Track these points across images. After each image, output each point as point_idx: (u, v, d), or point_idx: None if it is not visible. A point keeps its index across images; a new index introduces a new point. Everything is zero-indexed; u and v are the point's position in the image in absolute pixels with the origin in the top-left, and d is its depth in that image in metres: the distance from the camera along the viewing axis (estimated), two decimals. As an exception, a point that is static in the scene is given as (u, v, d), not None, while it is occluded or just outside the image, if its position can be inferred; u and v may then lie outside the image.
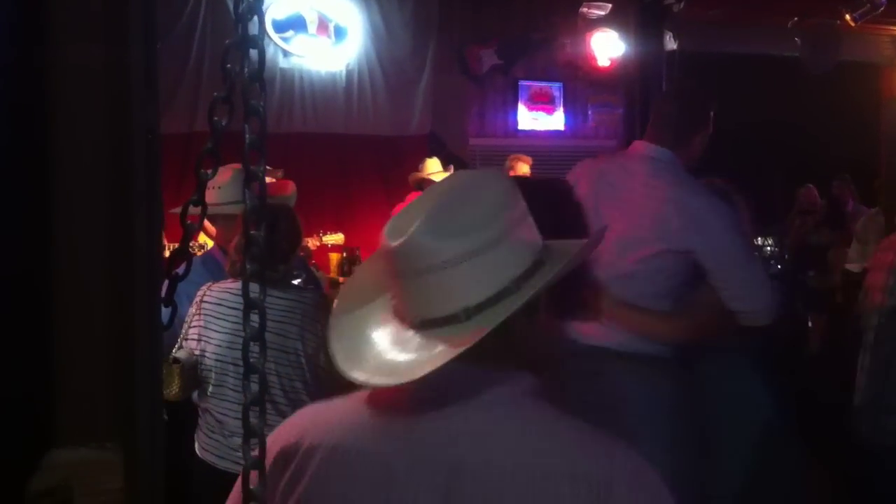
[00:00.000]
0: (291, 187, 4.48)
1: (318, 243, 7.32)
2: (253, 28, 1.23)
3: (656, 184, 3.26)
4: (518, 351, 1.40)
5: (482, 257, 1.30)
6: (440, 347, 1.30)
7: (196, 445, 3.44)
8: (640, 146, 3.46)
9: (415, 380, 1.28)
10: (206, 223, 6.54)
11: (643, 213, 3.23)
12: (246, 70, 1.17)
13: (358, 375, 1.38)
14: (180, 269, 1.37)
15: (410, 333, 1.37)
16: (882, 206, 8.75)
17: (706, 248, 3.13)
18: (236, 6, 1.24)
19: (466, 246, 1.30)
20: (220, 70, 1.28)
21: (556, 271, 1.34)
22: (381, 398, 1.42)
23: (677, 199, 3.18)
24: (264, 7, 5.13)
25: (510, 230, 1.34)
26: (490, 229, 1.31)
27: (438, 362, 1.27)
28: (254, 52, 1.19)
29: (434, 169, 7.56)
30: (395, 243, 1.35)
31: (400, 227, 1.35)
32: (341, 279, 7.60)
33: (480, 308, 1.30)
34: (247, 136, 1.14)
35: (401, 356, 1.35)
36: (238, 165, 3.85)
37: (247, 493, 1.26)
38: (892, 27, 11.25)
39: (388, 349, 1.38)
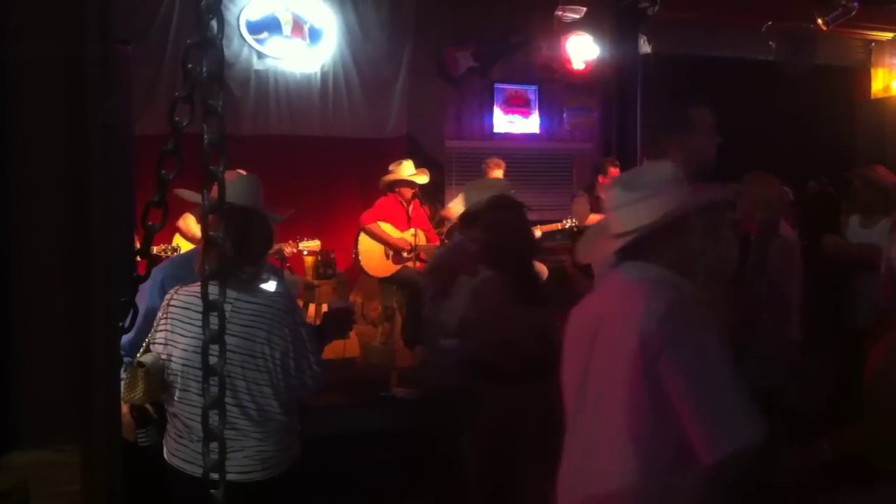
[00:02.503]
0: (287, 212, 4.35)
1: (294, 250, 7.30)
2: (212, 29, 1.22)
3: None
4: (669, 255, 2.48)
5: (649, 201, 2.44)
6: (618, 244, 2.48)
7: (164, 450, 3.41)
8: None
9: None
10: (184, 226, 6.54)
11: None
12: (205, 70, 1.17)
13: (581, 258, 2.83)
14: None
15: (616, 241, 2.50)
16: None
17: None
18: (198, 7, 1.24)
19: (641, 194, 2.46)
20: (181, 70, 1.28)
21: (681, 211, 2.45)
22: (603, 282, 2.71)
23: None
24: (238, 8, 5.15)
25: (666, 188, 2.47)
26: (654, 187, 2.47)
27: (612, 249, 2.52)
28: (213, 52, 1.19)
29: (409, 171, 7.55)
30: (609, 192, 2.57)
31: (611, 183, 2.64)
32: (316, 282, 7.59)
33: (645, 228, 2.42)
34: (206, 135, 1.14)
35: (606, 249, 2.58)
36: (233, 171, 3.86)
37: (208, 497, 1.26)
38: (864, 31, 11.37)
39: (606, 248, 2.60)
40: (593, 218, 8.52)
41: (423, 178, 7.59)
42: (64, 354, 1.22)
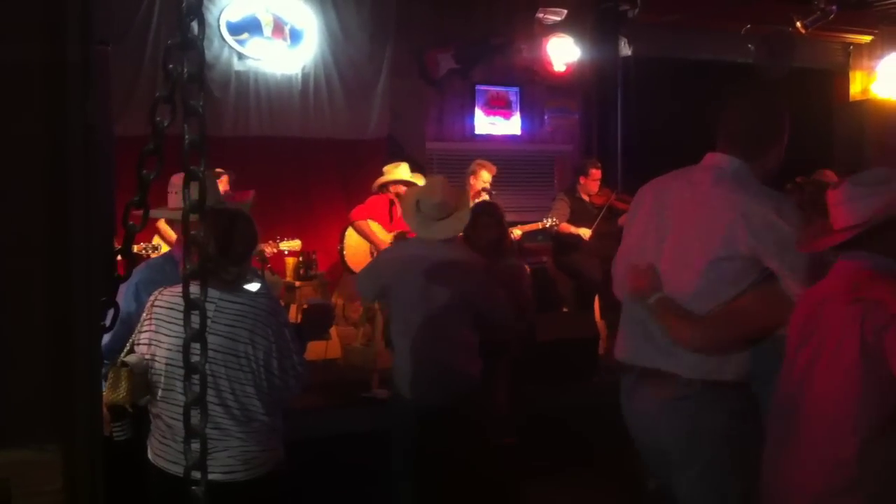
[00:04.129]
0: (250, 196, 4.40)
1: (274, 250, 7.28)
2: (193, 30, 1.23)
3: (717, 192, 3.23)
4: (888, 247, 2.66)
5: (882, 196, 2.62)
6: (847, 235, 2.66)
7: (148, 451, 3.42)
8: (711, 157, 3.38)
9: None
10: (163, 227, 6.52)
11: (703, 223, 3.22)
12: (185, 71, 1.18)
13: (807, 249, 2.96)
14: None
15: (843, 233, 2.69)
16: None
17: (771, 249, 3.10)
18: (179, 8, 1.24)
19: (872, 189, 2.64)
20: (162, 71, 1.29)
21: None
22: None
23: (739, 206, 3.14)
24: (219, 9, 5.15)
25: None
26: (885, 184, 2.64)
27: (840, 240, 2.72)
28: (193, 54, 1.19)
29: (406, 174, 7.53)
30: (836, 189, 2.75)
31: (838, 182, 2.79)
32: (297, 283, 7.57)
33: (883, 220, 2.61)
34: (186, 136, 1.15)
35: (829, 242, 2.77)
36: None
37: (190, 493, 1.27)
38: (842, 34, 11.46)
39: None
40: (565, 227, 8.57)
41: (419, 182, 7.54)
42: (44, 353, 1.22)
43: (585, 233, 8.51)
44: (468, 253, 4.70)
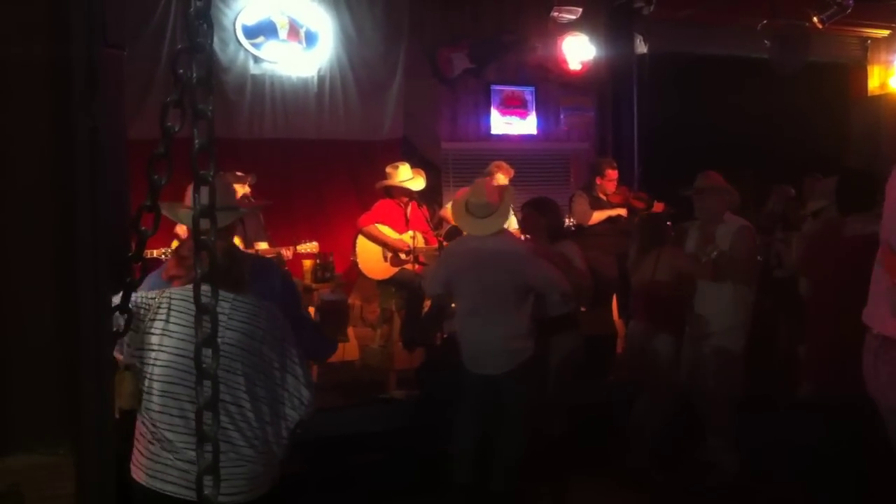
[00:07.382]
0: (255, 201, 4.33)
1: (291, 254, 7.29)
2: (202, 33, 1.23)
3: None
4: None
5: None
6: None
7: (139, 472, 3.34)
8: None
9: None
10: (181, 232, 6.53)
11: None
12: (194, 75, 1.17)
13: None
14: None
15: None
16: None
17: None
18: (187, 12, 1.24)
19: None
20: (171, 75, 1.29)
21: None
22: None
23: None
24: (234, 12, 5.09)
25: None
26: None
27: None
28: (202, 57, 1.19)
29: (405, 176, 7.48)
30: None
31: None
32: (314, 285, 7.58)
33: None
34: (195, 140, 1.15)
35: None
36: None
37: (201, 497, 1.27)
38: (859, 28, 11.39)
39: None
40: (597, 216, 8.51)
41: (417, 184, 7.47)
42: (55, 358, 1.22)
43: (622, 211, 8.46)
44: (517, 241, 5.40)
